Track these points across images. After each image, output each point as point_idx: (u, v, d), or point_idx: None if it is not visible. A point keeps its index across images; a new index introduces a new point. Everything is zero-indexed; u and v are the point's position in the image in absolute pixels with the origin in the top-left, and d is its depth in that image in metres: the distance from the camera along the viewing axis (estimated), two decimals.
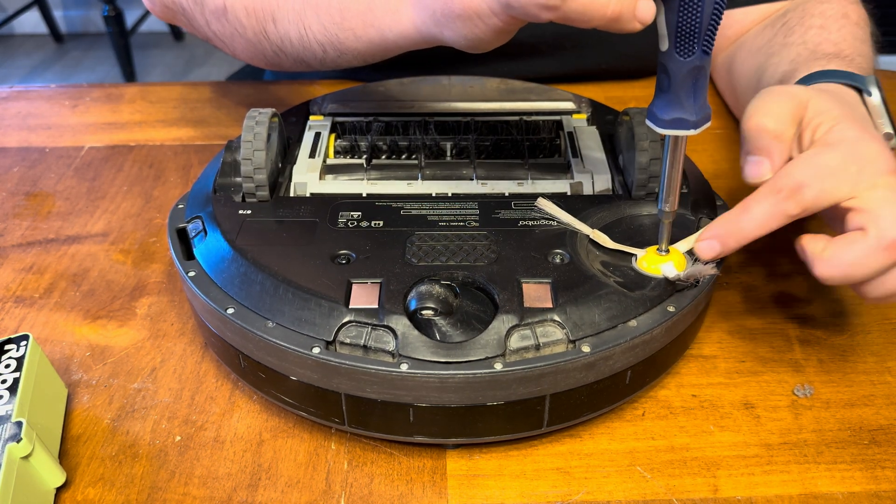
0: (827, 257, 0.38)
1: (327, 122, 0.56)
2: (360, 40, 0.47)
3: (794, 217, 0.38)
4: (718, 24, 0.33)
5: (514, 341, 0.37)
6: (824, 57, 0.52)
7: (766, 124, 0.40)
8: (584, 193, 0.48)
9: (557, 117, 0.57)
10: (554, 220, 0.44)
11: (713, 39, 0.34)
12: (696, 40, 0.33)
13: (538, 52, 0.72)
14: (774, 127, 0.40)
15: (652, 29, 0.35)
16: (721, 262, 0.41)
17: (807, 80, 0.49)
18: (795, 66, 0.53)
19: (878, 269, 0.37)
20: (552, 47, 0.72)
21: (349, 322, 0.38)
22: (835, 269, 0.38)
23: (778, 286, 0.51)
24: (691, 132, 0.36)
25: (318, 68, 0.54)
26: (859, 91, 0.47)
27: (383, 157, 0.54)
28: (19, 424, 0.35)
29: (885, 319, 0.48)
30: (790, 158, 0.40)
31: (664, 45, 0.35)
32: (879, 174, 0.38)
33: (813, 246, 0.38)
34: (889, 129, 0.47)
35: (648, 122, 0.37)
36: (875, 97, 0.47)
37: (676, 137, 0.37)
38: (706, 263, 0.40)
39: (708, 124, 0.37)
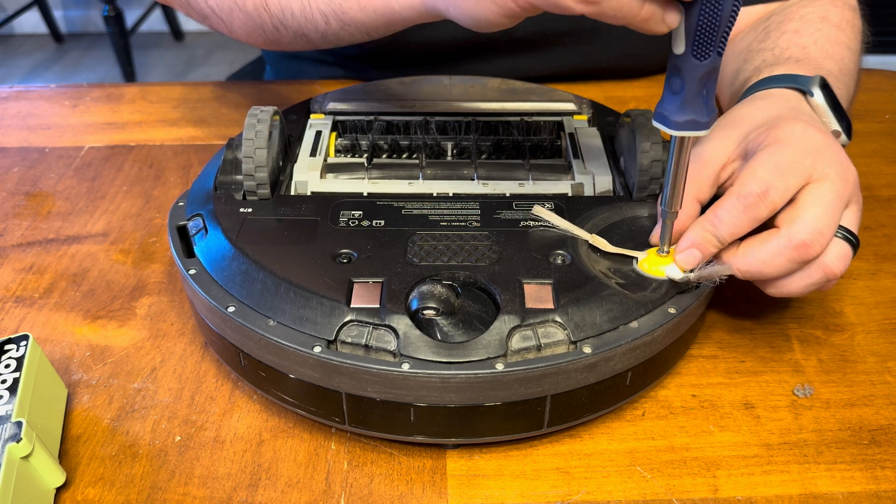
0: (742, 253, 0.40)
1: (328, 121, 0.56)
2: (365, 10, 0.46)
3: (764, 219, 0.40)
4: (732, 26, 0.33)
5: (516, 342, 0.37)
6: (784, 62, 0.53)
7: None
8: (585, 195, 0.48)
9: (558, 118, 0.57)
10: (552, 227, 0.44)
11: (726, 41, 0.34)
12: (713, 43, 0.33)
13: (538, 48, 0.73)
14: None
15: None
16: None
17: (754, 87, 0.50)
18: (754, 74, 0.54)
19: (787, 267, 0.39)
20: (552, 44, 0.72)
21: (350, 321, 0.38)
22: (750, 265, 0.40)
23: None
24: (703, 133, 0.36)
25: (319, 43, 0.52)
26: (804, 93, 0.48)
27: (384, 156, 0.54)
28: (19, 424, 0.35)
29: (886, 319, 0.48)
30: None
31: (679, 49, 0.34)
32: (831, 164, 0.40)
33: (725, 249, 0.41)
34: (836, 127, 0.47)
35: (659, 125, 0.37)
36: (818, 97, 0.47)
37: (683, 139, 0.37)
38: (714, 265, 0.40)
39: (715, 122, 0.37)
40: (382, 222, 0.44)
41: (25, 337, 0.41)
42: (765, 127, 0.42)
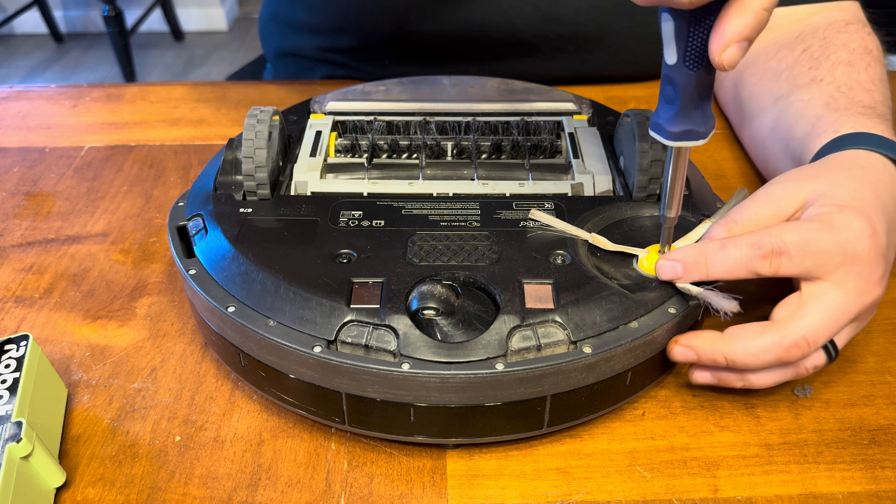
0: (730, 341, 0.39)
1: (328, 121, 0.56)
2: None
3: (760, 276, 0.39)
4: None
5: (516, 342, 0.37)
6: (860, 112, 0.49)
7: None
8: (585, 194, 0.48)
9: (558, 118, 0.56)
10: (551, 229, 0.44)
11: None
12: (706, 55, 0.33)
13: (540, 52, 0.73)
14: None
15: (653, 40, 0.34)
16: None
17: (840, 142, 0.46)
18: (832, 114, 0.50)
19: (770, 364, 0.39)
20: (555, 49, 0.72)
21: (350, 321, 0.38)
22: (736, 355, 0.39)
23: (779, 286, 0.51)
24: (701, 142, 0.36)
25: None
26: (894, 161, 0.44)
27: (384, 156, 0.54)
28: (19, 424, 0.35)
29: (886, 319, 0.48)
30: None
31: (672, 59, 0.34)
32: (857, 276, 0.38)
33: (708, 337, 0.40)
34: None
35: (655, 135, 0.36)
36: None
37: (680, 149, 0.37)
38: (726, 297, 0.39)
39: (713, 131, 0.36)
40: (382, 222, 0.44)
41: (25, 337, 0.41)
42: (837, 202, 0.39)
